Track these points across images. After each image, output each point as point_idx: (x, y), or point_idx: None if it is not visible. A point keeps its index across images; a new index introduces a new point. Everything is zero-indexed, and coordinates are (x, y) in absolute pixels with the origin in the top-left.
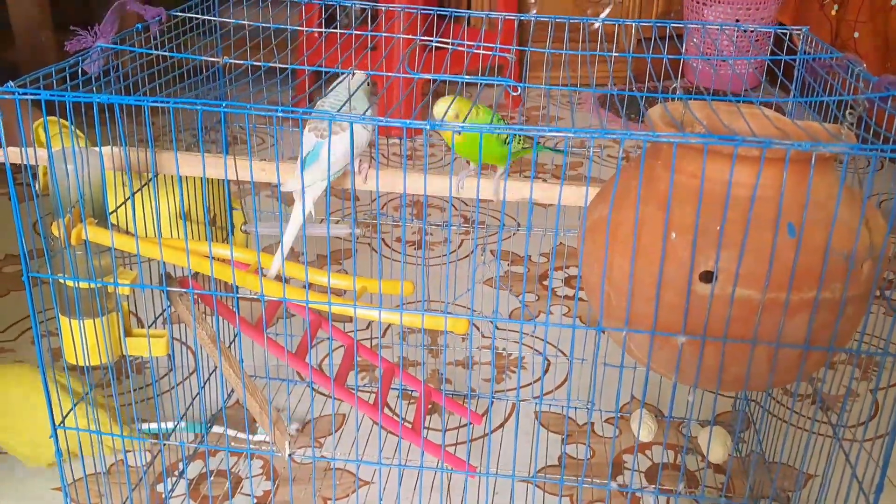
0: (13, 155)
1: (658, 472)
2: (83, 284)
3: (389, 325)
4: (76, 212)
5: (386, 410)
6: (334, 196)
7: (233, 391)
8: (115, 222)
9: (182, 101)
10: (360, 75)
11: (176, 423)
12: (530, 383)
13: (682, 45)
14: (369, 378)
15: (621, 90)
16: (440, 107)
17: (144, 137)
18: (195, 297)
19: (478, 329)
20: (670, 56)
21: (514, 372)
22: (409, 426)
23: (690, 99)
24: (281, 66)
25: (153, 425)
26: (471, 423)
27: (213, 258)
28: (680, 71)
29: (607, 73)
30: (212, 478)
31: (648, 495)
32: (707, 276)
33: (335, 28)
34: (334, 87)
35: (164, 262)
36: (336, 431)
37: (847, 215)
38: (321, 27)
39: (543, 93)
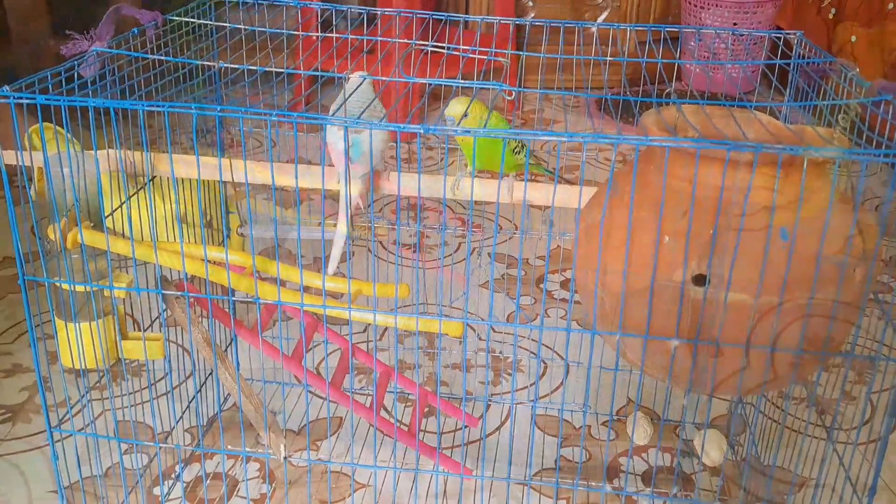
0: (9, 158)
1: (653, 475)
2: (79, 288)
3: (386, 329)
4: (72, 215)
5: (382, 413)
6: (330, 198)
7: (229, 395)
8: (110, 226)
9: (176, 104)
10: (356, 78)
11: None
12: (526, 386)
13: (677, 49)
14: (366, 381)
15: (616, 94)
16: (455, 107)
17: (140, 141)
18: (191, 300)
19: (473, 331)
20: (665, 60)
21: (510, 375)
22: (405, 429)
23: (684, 103)
24: (277, 69)
25: None
26: (466, 426)
27: (209, 261)
28: (675, 74)
29: (603, 76)
30: (208, 481)
31: None
32: (700, 280)
33: (331, 32)
34: (353, 90)
35: (159, 265)
36: (332, 434)
37: (840, 220)
38: (318, 30)
39: (539, 96)
